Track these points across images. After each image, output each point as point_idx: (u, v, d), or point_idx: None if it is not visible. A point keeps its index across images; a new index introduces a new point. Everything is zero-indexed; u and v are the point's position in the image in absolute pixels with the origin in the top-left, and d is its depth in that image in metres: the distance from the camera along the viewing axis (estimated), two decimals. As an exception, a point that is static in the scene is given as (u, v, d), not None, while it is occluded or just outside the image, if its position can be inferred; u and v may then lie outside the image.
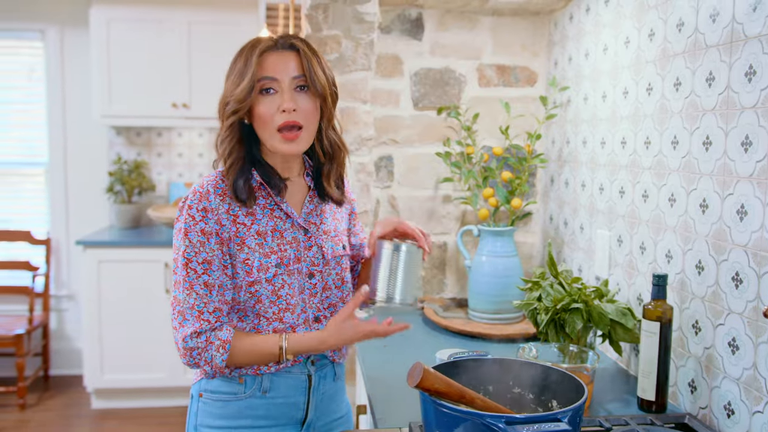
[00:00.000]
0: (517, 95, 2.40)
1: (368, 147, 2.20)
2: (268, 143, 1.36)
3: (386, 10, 2.32)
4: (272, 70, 1.33)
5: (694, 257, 1.46)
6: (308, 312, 1.42)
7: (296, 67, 1.34)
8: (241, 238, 1.35)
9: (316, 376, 1.45)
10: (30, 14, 4.30)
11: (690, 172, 1.48)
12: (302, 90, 1.35)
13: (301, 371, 1.42)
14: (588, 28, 2.04)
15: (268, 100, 1.33)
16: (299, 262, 1.40)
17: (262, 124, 1.35)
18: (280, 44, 1.36)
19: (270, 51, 1.35)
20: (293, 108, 1.32)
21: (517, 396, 1.25)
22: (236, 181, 1.36)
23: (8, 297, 4.31)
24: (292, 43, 1.36)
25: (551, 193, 2.35)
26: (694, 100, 1.46)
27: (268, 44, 1.35)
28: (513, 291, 2.09)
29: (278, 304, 1.38)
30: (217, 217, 1.34)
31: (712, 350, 1.39)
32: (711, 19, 1.40)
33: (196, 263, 1.33)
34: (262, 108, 1.34)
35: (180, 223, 1.35)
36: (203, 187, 1.35)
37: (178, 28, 4.03)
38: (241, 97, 1.32)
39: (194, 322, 1.33)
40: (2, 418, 3.76)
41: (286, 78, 1.34)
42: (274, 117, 1.33)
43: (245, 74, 1.33)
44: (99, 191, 4.39)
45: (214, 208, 1.34)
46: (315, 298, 1.43)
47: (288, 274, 1.38)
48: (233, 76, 1.36)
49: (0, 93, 4.42)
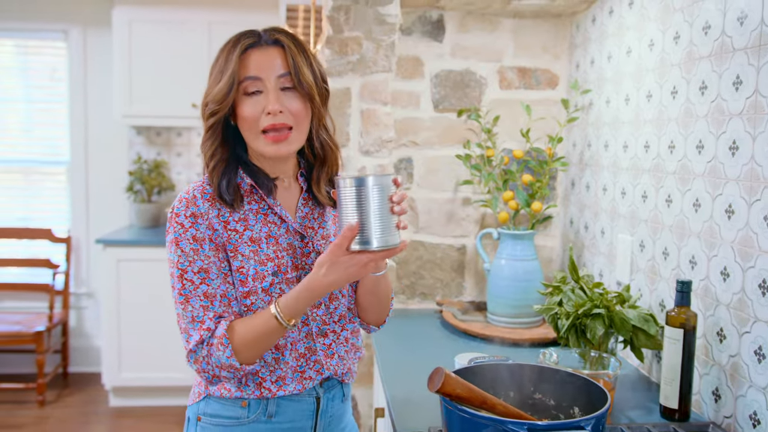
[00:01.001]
0: (538, 98, 2.39)
1: (388, 149, 2.20)
2: (253, 146, 1.28)
3: (407, 12, 2.32)
4: (255, 69, 1.24)
5: (719, 264, 1.44)
6: (311, 325, 1.32)
7: (281, 65, 1.24)
8: (234, 245, 1.26)
9: (325, 398, 1.35)
10: (53, 15, 4.35)
11: (716, 177, 1.46)
12: (289, 89, 1.26)
13: (310, 394, 1.33)
14: (611, 30, 2.02)
15: (253, 102, 1.24)
16: (297, 270, 1.30)
17: (246, 126, 1.26)
18: (264, 40, 1.26)
19: (253, 48, 1.25)
20: (279, 110, 1.23)
21: (538, 402, 1.24)
22: (220, 182, 1.27)
23: (29, 294, 4.36)
24: (277, 39, 1.26)
25: (572, 196, 2.33)
26: (721, 104, 1.44)
27: (250, 40, 1.25)
28: (533, 295, 2.07)
29: None
30: (207, 222, 1.25)
31: (738, 358, 1.37)
32: (738, 22, 1.38)
33: (192, 273, 1.23)
34: (246, 110, 1.24)
35: (170, 234, 1.25)
36: (189, 193, 1.27)
37: (198, 28, 4.05)
38: (219, 96, 1.23)
39: (196, 334, 1.22)
40: (22, 414, 3.80)
41: (271, 77, 1.24)
42: (259, 119, 1.24)
43: (225, 72, 1.24)
44: (119, 190, 4.43)
45: (203, 213, 1.25)
46: (319, 309, 1.33)
47: (286, 283, 1.28)
48: (214, 73, 1.27)
49: (23, 92, 4.48)
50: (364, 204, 1.13)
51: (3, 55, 4.47)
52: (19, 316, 4.07)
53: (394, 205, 1.15)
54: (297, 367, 1.30)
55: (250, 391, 1.28)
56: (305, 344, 1.31)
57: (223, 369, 1.21)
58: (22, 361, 4.37)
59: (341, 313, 1.36)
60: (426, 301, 2.41)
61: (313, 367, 1.32)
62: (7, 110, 4.48)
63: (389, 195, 1.16)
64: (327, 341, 1.34)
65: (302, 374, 1.31)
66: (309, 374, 1.31)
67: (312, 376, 1.32)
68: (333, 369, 1.34)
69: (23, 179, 4.53)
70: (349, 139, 2.17)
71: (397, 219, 1.17)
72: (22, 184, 4.53)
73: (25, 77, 4.48)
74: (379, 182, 1.14)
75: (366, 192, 1.13)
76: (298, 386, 1.30)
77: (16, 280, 4.31)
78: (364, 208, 1.13)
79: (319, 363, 1.32)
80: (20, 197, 4.53)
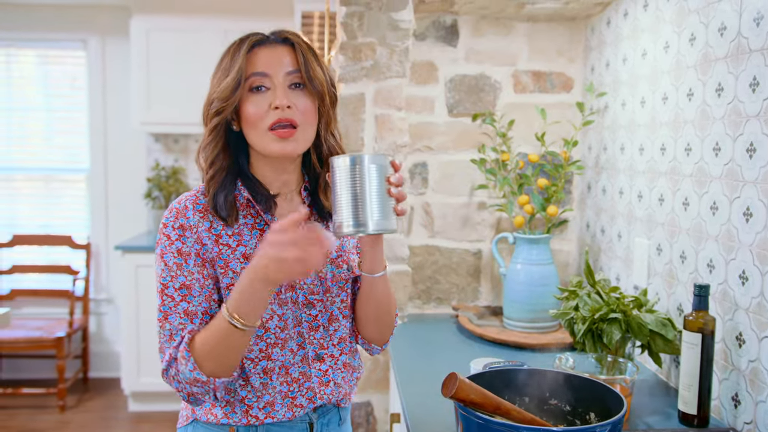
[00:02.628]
0: (553, 101, 2.38)
1: (403, 154, 2.20)
2: (258, 146, 1.20)
3: (421, 17, 2.32)
4: (263, 65, 1.18)
5: (738, 267, 1.42)
6: (307, 348, 1.24)
7: (291, 62, 1.20)
8: (224, 261, 1.19)
9: (318, 423, 1.29)
10: (73, 25, 4.42)
11: (733, 180, 1.44)
12: (297, 87, 1.20)
13: (302, 420, 1.26)
14: (626, 32, 2.01)
15: (259, 98, 1.18)
16: (293, 290, 1.23)
17: (251, 124, 1.18)
18: (272, 38, 1.22)
19: (261, 45, 1.21)
20: (287, 104, 1.17)
21: (554, 408, 1.23)
22: (216, 194, 1.19)
23: (50, 300, 4.41)
24: (286, 37, 1.22)
25: (588, 200, 2.31)
26: (737, 106, 1.43)
27: (258, 38, 1.21)
28: (549, 299, 2.06)
29: (265, 338, 1.21)
30: (196, 235, 1.18)
31: (757, 363, 1.35)
32: (755, 23, 1.37)
33: (173, 289, 1.17)
34: (251, 107, 1.18)
35: (157, 246, 1.21)
36: (181, 203, 1.20)
37: (214, 36, 4.09)
38: (226, 93, 1.17)
39: (168, 352, 1.16)
40: (43, 419, 3.84)
41: (280, 73, 1.18)
42: (265, 116, 1.17)
43: (231, 69, 1.17)
44: (138, 197, 4.48)
45: (192, 225, 1.18)
46: (317, 332, 1.26)
47: (279, 304, 1.21)
48: (219, 72, 1.20)
49: (44, 101, 4.55)
50: (359, 183, 1.07)
51: (25, 65, 4.54)
52: (40, 321, 4.12)
53: (391, 186, 1.10)
54: (288, 392, 1.24)
55: (237, 418, 1.22)
56: (300, 369, 1.24)
57: (192, 384, 1.13)
58: (43, 367, 4.42)
59: (341, 335, 1.29)
60: (442, 305, 2.41)
61: (305, 394, 1.25)
62: (28, 119, 4.55)
63: (386, 176, 1.10)
64: (323, 367, 1.27)
65: (293, 401, 1.24)
66: (300, 401, 1.25)
67: (303, 403, 1.25)
68: (327, 398, 1.27)
69: (44, 187, 4.59)
70: (363, 145, 2.17)
71: (394, 203, 1.11)
72: (43, 191, 4.60)
73: (45, 86, 4.55)
74: (376, 161, 1.08)
75: (362, 170, 1.07)
76: (287, 413, 1.24)
77: (37, 286, 4.37)
78: (360, 187, 1.07)
79: (312, 390, 1.25)
80: (41, 204, 4.59)
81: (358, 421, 2.23)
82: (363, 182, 1.07)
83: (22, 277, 4.42)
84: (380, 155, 1.10)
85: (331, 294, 1.28)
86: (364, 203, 1.07)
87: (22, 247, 4.41)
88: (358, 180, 1.07)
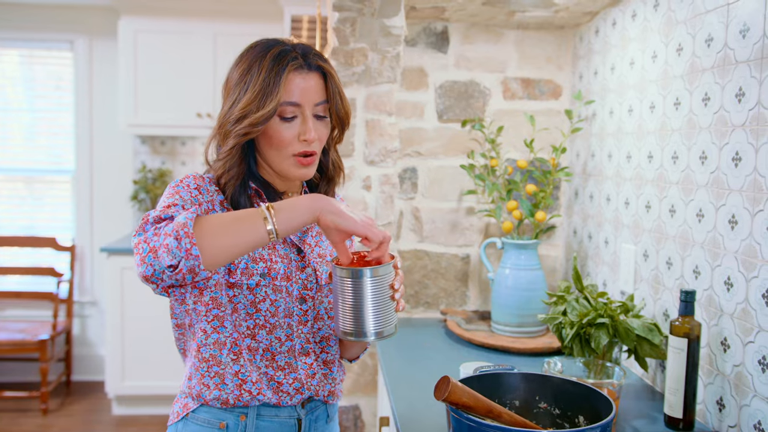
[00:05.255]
0: (542, 108, 2.40)
1: (393, 159, 2.21)
2: (277, 166, 1.27)
3: (412, 24, 2.34)
4: (298, 96, 1.22)
5: (723, 273, 1.45)
6: (295, 341, 1.28)
7: (320, 93, 1.25)
8: None
9: (307, 419, 1.32)
10: (60, 25, 4.39)
11: (719, 188, 1.47)
12: (321, 116, 1.27)
13: (290, 414, 1.29)
14: (614, 42, 2.04)
15: (288, 126, 1.23)
16: (288, 281, 1.27)
17: (274, 148, 1.24)
18: (308, 64, 1.24)
19: (297, 71, 1.22)
20: (315, 139, 1.24)
21: (543, 411, 1.25)
22: (237, 195, 1.24)
23: (33, 302, 4.38)
24: (320, 65, 1.25)
25: (575, 206, 2.34)
26: (724, 115, 1.45)
27: (296, 63, 1.22)
28: (536, 304, 2.08)
29: (255, 318, 1.25)
30: (210, 198, 1.23)
31: (742, 368, 1.38)
32: (741, 35, 1.40)
33: (182, 208, 1.16)
34: (279, 133, 1.22)
35: (167, 189, 1.21)
36: (196, 174, 1.25)
37: (204, 39, 4.09)
38: (260, 120, 1.19)
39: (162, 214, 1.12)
40: (25, 423, 3.80)
41: (310, 104, 1.24)
42: (292, 144, 1.23)
43: (270, 95, 1.19)
44: (124, 199, 4.46)
45: (210, 191, 1.24)
46: (305, 326, 1.30)
47: (273, 290, 1.25)
48: (249, 88, 1.20)
49: (29, 102, 4.51)
50: (361, 296, 1.09)
51: (8, 65, 4.51)
52: (23, 324, 4.08)
53: (394, 293, 1.14)
54: (273, 376, 1.27)
55: (229, 390, 1.24)
56: (286, 358, 1.28)
57: (169, 235, 1.03)
58: (26, 370, 4.38)
59: (323, 334, 1.34)
60: (430, 310, 2.42)
61: (292, 383, 1.28)
62: (11, 119, 4.51)
63: (390, 283, 1.13)
64: (308, 360, 1.31)
65: (279, 385, 1.27)
66: (287, 389, 1.28)
67: (290, 391, 1.28)
68: (314, 389, 1.31)
69: (28, 188, 4.55)
70: (354, 150, 2.18)
71: (395, 304, 1.15)
72: (27, 192, 4.56)
73: (30, 87, 4.51)
74: (379, 272, 1.10)
75: (365, 284, 1.09)
76: (275, 396, 1.27)
77: (20, 288, 4.32)
78: (362, 300, 1.09)
79: (299, 381, 1.29)
80: (24, 206, 4.55)
81: (346, 424, 2.23)
82: (365, 295, 1.10)
83: (5, 279, 4.38)
84: (385, 265, 1.12)
85: (321, 293, 1.32)
86: (365, 315, 1.10)
87: (5, 249, 4.36)
88: (361, 293, 1.10)
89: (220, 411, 1.26)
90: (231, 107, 1.22)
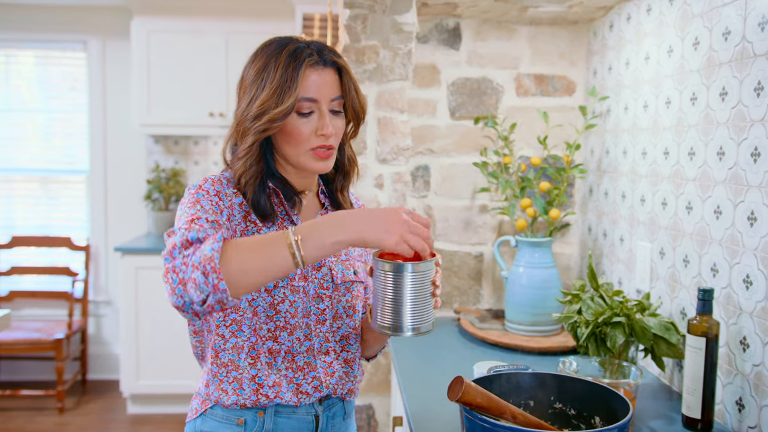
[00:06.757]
0: (555, 105, 2.38)
1: (405, 156, 2.20)
2: (295, 162, 1.27)
3: (424, 20, 2.32)
4: (315, 92, 1.23)
5: (742, 271, 1.42)
6: (313, 340, 1.29)
7: (336, 89, 1.26)
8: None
9: (324, 416, 1.32)
10: (73, 26, 4.41)
11: (737, 184, 1.44)
12: (337, 111, 1.28)
13: (308, 412, 1.30)
14: (629, 36, 2.01)
15: (305, 122, 1.24)
16: (305, 281, 1.28)
17: (293, 143, 1.25)
18: (323, 60, 1.25)
19: (313, 67, 1.23)
20: (333, 133, 1.25)
21: (559, 411, 1.23)
22: (256, 196, 1.25)
23: (49, 302, 4.41)
24: (335, 61, 1.26)
25: (590, 203, 2.31)
26: (742, 110, 1.43)
27: (312, 60, 1.23)
28: (551, 303, 2.06)
29: (275, 320, 1.25)
30: (230, 203, 1.23)
31: (762, 368, 1.35)
32: (760, 28, 1.37)
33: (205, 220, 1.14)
34: (297, 129, 1.23)
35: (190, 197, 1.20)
36: (215, 177, 1.26)
37: (216, 38, 4.09)
38: (279, 116, 1.20)
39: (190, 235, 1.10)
40: (41, 421, 3.83)
41: (326, 100, 1.25)
42: (309, 139, 1.24)
43: (288, 91, 1.20)
44: (137, 199, 4.48)
45: (228, 195, 1.24)
46: (323, 325, 1.30)
47: (291, 291, 1.26)
48: (266, 85, 1.21)
49: (43, 102, 4.54)
50: (402, 290, 1.09)
51: (24, 66, 4.54)
52: (39, 323, 4.11)
53: (435, 289, 1.14)
54: (293, 378, 1.27)
55: (246, 395, 1.25)
56: (305, 358, 1.29)
57: (198, 267, 1.03)
58: (42, 369, 4.41)
59: (343, 333, 1.34)
60: (443, 309, 2.40)
61: (311, 382, 1.29)
62: (27, 120, 4.54)
63: (431, 279, 1.12)
64: (328, 359, 1.31)
65: (298, 387, 1.28)
66: (306, 389, 1.28)
67: (309, 391, 1.28)
68: (332, 388, 1.32)
69: (43, 188, 4.59)
70: (365, 147, 2.17)
71: (434, 301, 1.15)
72: (42, 192, 4.59)
73: (45, 87, 4.54)
74: (422, 268, 1.10)
75: (406, 279, 1.09)
76: (293, 398, 1.27)
77: (36, 287, 4.36)
78: (402, 295, 1.09)
79: (318, 380, 1.29)
80: (40, 206, 4.59)
81: (360, 423, 2.22)
82: (405, 290, 1.09)
83: (21, 279, 4.41)
84: (428, 261, 1.11)
85: (338, 292, 1.32)
86: (404, 310, 1.10)
87: (21, 249, 4.40)
88: (402, 287, 1.09)
89: (239, 409, 1.27)
90: (248, 105, 1.22)
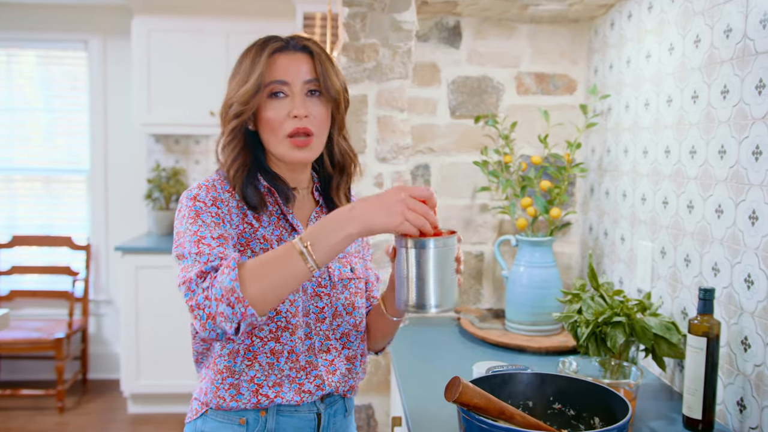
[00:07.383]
0: (556, 103, 2.37)
1: (405, 155, 2.19)
2: (275, 151, 1.27)
3: (424, 19, 2.31)
4: (283, 73, 1.24)
5: (743, 271, 1.41)
6: (314, 339, 1.29)
7: (309, 71, 1.25)
8: (246, 239, 1.24)
9: (326, 414, 1.32)
10: (74, 25, 4.41)
11: (738, 183, 1.43)
12: (313, 95, 1.26)
13: (310, 410, 1.30)
14: (630, 34, 2.00)
15: (277, 105, 1.24)
16: None
17: (269, 130, 1.25)
18: (292, 45, 1.26)
19: (281, 52, 1.25)
20: (305, 114, 1.23)
21: (558, 412, 1.22)
22: (245, 187, 1.25)
23: (49, 301, 4.40)
24: (305, 45, 1.27)
25: (591, 202, 2.30)
26: (743, 108, 1.41)
27: (278, 44, 1.25)
28: (551, 302, 2.05)
29: (276, 320, 1.24)
30: (228, 208, 1.23)
31: (763, 368, 1.34)
32: (761, 25, 1.36)
33: (211, 238, 1.15)
34: (270, 113, 1.24)
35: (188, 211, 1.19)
36: (208, 182, 1.25)
37: (216, 37, 4.09)
38: (245, 98, 1.22)
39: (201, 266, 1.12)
40: (41, 421, 3.83)
41: (298, 81, 1.24)
42: (284, 123, 1.24)
43: (251, 74, 1.22)
44: (138, 198, 4.47)
45: (224, 199, 1.23)
46: (323, 323, 1.30)
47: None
48: (238, 76, 1.25)
49: (44, 102, 4.54)
50: (426, 267, 1.09)
51: (25, 66, 4.54)
52: (39, 323, 4.11)
53: (458, 265, 1.15)
54: (295, 378, 1.27)
55: (246, 399, 1.24)
56: (307, 357, 1.28)
57: (221, 300, 1.06)
58: (42, 368, 4.41)
59: (344, 331, 1.33)
60: (443, 308, 2.39)
61: (313, 381, 1.28)
62: (29, 120, 4.54)
63: (455, 256, 1.12)
64: (329, 357, 1.31)
65: (300, 386, 1.27)
66: (308, 387, 1.28)
67: (311, 390, 1.28)
68: (334, 385, 1.31)
69: (44, 187, 4.58)
70: (365, 146, 2.16)
71: (457, 278, 1.16)
72: (43, 192, 4.59)
73: (46, 87, 4.54)
74: (446, 244, 1.09)
75: (429, 255, 1.08)
76: (296, 397, 1.26)
77: (37, 287, 4.36)
78: (426, 271, 1.09)
79: (320, 378, 1.29)
80: (41, 205, 4.58)
81: (359, 423, 2.22)
82: (429, 266, 1.09)
83: (22, 278, 4.41)
84: (450, 237, 1.11)
85: (336, 290, 1.32)
86: (428, 286, 1.10)
87: (22, 248, 4.39)
88: (426, 264, 1.09)
89: (240, 410, 1.26)
90: (226, 98, 1.28)
